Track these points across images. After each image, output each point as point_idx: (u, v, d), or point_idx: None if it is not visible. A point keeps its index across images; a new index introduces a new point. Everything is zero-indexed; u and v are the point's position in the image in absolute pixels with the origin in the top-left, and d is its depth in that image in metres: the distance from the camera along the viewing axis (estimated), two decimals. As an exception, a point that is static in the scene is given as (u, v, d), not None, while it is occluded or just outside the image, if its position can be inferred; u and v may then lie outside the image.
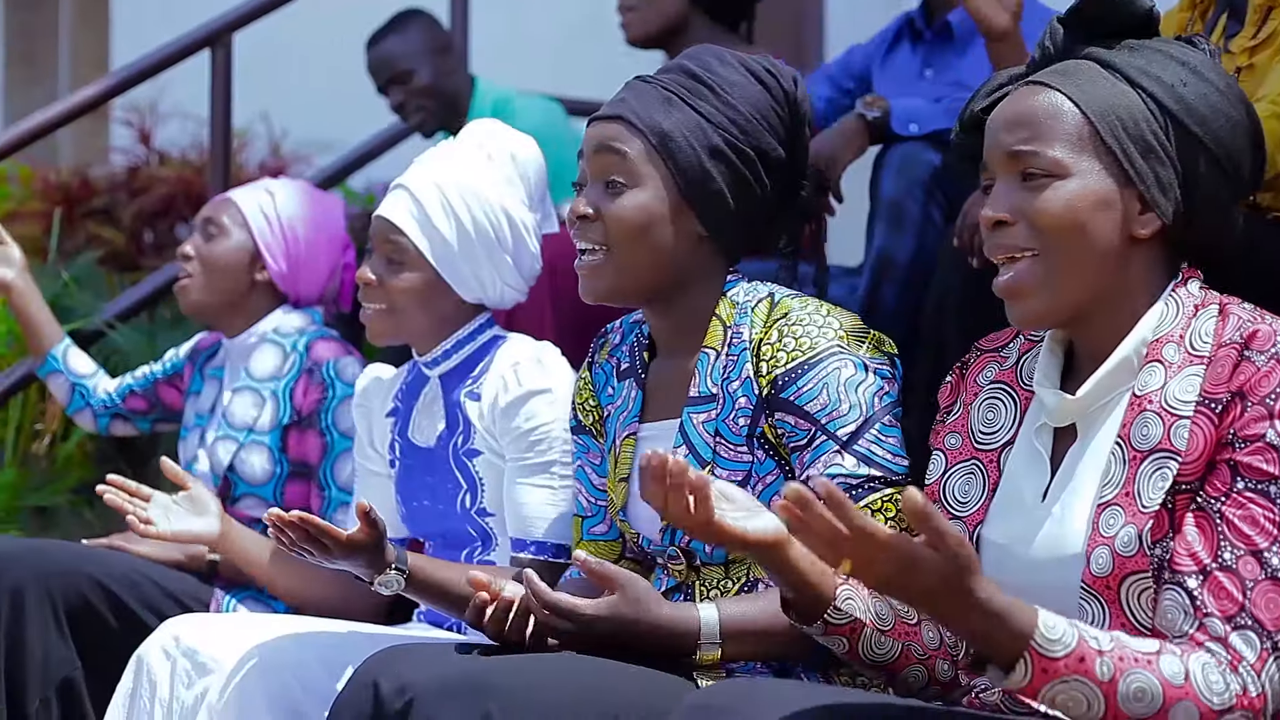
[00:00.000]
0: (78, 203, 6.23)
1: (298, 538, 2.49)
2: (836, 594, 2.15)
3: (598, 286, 2.50)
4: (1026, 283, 2.06)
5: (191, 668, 2.63)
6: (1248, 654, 1.88)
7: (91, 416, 3.76)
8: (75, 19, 8.96)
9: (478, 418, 2.85)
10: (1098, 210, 2.04)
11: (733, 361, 2.46)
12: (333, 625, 2.77)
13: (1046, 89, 2.09)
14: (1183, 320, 2.05)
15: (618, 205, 2.47)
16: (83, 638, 3.12)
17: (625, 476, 2.57)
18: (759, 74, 2.53)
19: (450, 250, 2.86)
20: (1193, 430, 1.97)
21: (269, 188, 3.57)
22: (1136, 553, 1.97)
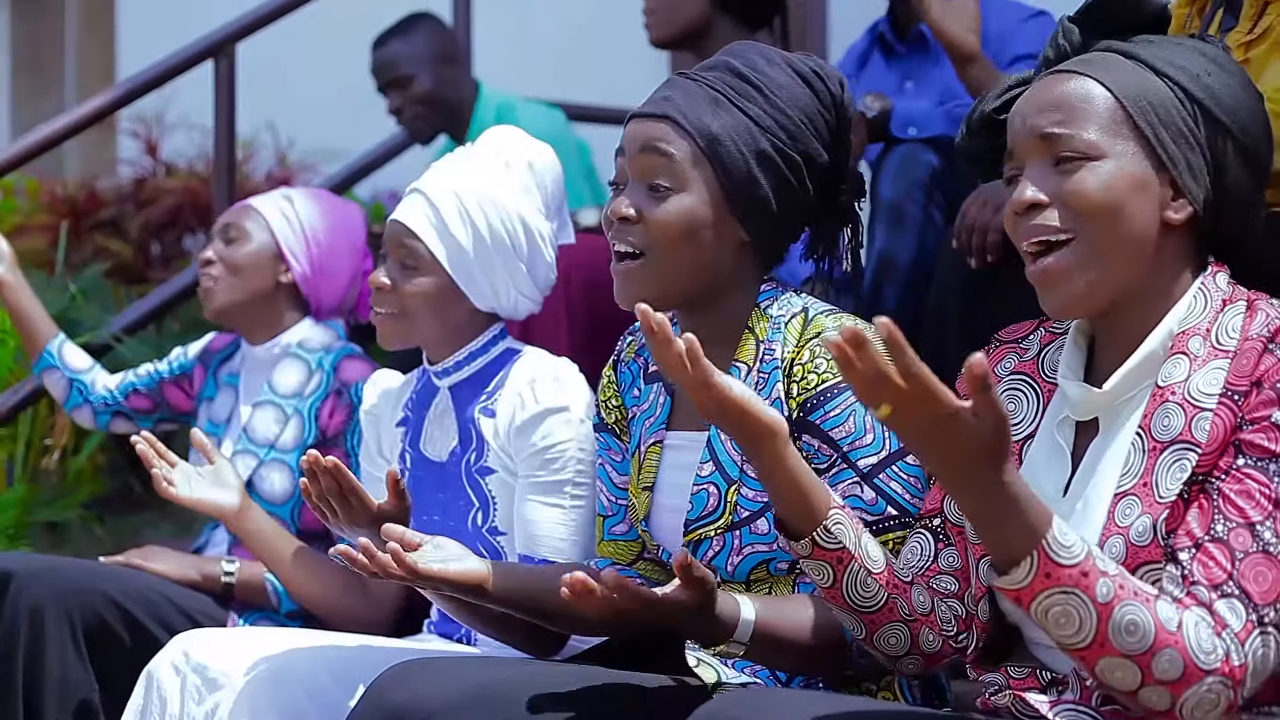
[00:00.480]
0: (84, 215, 6.24)
1: (327, 488, 2.47)
2: (829, 515, 2.12)
3: (634, 292, 2.43)
4: (1064, 268, 2.04)
5: (202, 683, 2.62)
6: (1233, 622, 1.87)
7: (91, 413, 3.70)
8: (81, 29, 8.98)
9: (492, 435, 2.83)
10: (1134, 192, 2.03)
11: (764, 379, 2.41)
12: (343, 639, 2.76)
13: (1076, 75, 2.08)
14: (1210, 314, 2.04)
15: (662, 210, 2.40)
16: (99, 657, 3.11)
17: (649, 485, 2.52)
18: (806, 76, 2.46)
19: (466, 257, 2.84)
20: (1214, 422, 1.96)
21: (287, 194, 3.56)
22: (1150, 543, 1.95)
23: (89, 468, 4.92)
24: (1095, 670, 1.85)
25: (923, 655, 2.20)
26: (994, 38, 3.57)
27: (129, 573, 3.24)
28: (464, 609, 2.53)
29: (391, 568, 2.29)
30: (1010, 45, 3.53)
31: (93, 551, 4.62)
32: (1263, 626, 1.87)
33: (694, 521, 2.44)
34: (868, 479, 2.33)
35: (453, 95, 4.94)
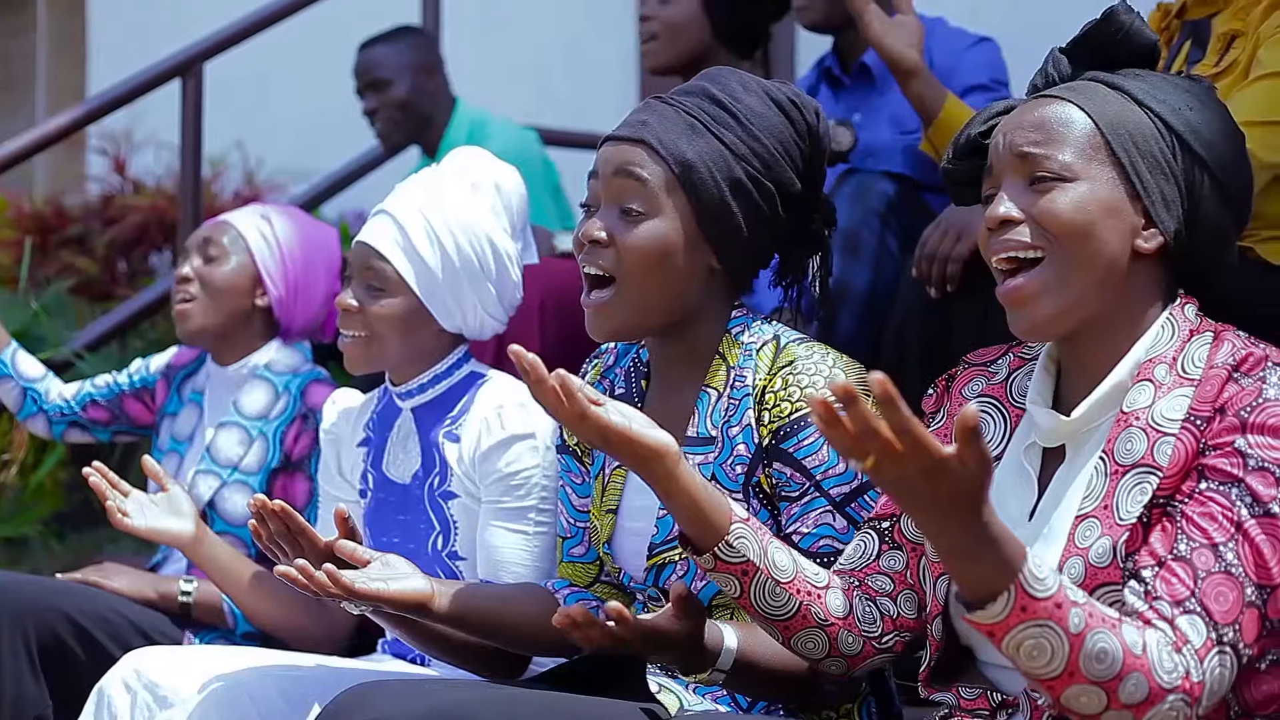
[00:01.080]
0: (51, 231, 6.23)
1: (276, 531, 2.45)
2: (730, 530, 2.13)
3: (607, 325, 2.43)
4: (1033, 289, 2.06)
5: (153, 700, 2.61)
6: (1194, 638, 1.88)
7: (45, 423, 3.65)
8: (52, 48, 8.97)
9: (456, 460, 2.82)
10: (1106, 216, 2.05)
11: (734, 405, 2.41)
12: (295, 658, 2.75)
13: (1058, 100, 2.11)
14: (1176, 343, 2.06)
15: (634, 234, 2.39)
16: (54, 675, 3.09)
17: (613, 508, 2.52)
18: (783, 104, 2.46)
19: (434, 278, 2.83)
20: (1176, 446, 1.98)
21: (265, 214, 3.53)
22: (1110, 564, 1.97)
23: (49, 483, 4.90)
24: (1061, 698, 1.85)
25: (844, 657, 2.21)
26: (939, 69, 3.58)
27: (86, 590, 3.22)
28: (418, 635, 2.53)
29: (328, 587, 2.28)
30: (956, 76, 3.55)
31: (52, 567, 4.60)
32: (1221, 645, 1.88)
33: (659, 545, 2.44)
34: (840, 508, 2.33)
35: (427, 106, 4.97)
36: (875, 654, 2.23)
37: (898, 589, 2.22)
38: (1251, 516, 1.92)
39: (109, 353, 4.90)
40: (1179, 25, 2.96)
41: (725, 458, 2.40)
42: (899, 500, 1.77)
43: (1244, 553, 1.91)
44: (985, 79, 3.58)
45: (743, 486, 2.38)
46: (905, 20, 3.03)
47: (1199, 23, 2.92)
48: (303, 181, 6.14)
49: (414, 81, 4.94)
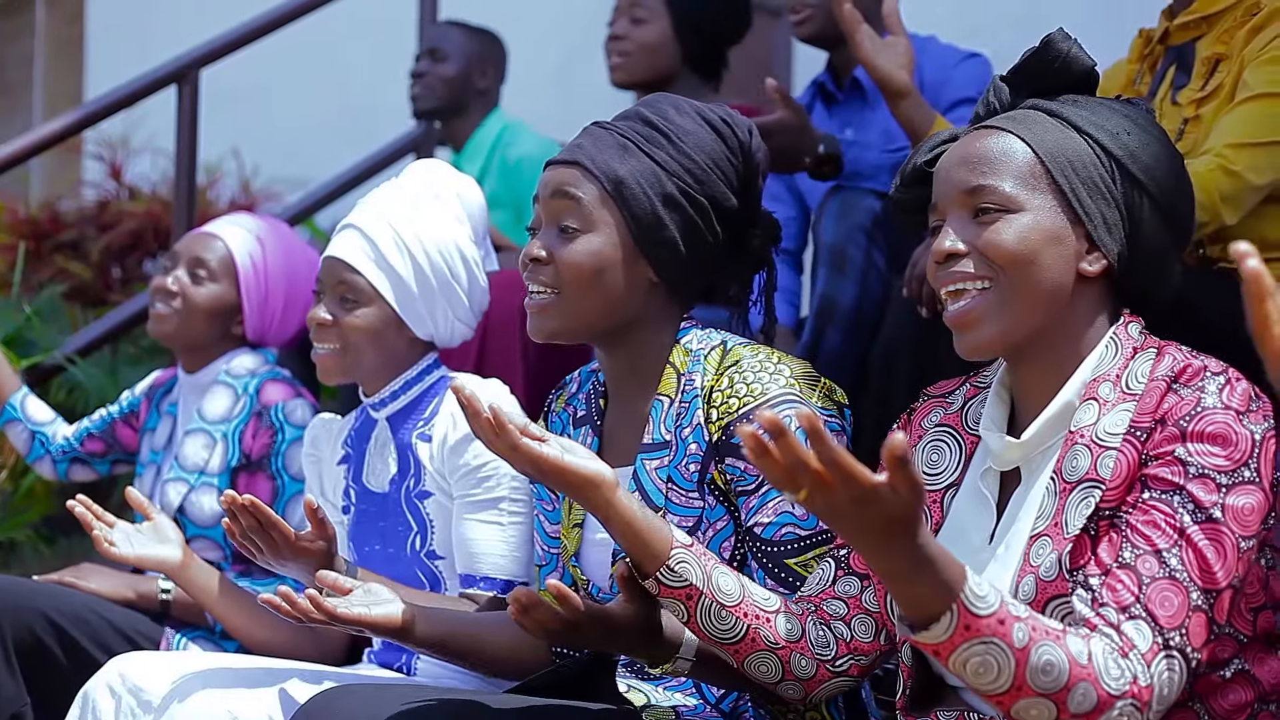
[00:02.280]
0: (46, 236, 6.23)
1: (249, 526, 2.50)
2: (671, 555, 2.15)
3: (545, 325, 2.51)
4: (977, 312, 2.10)
5: (137, 705, 2.61)
6: (1140, 643, 1.90)
7: (51, 464, 3.74)
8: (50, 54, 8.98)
9: (428, 459, 2.85)
10: (1049, 244, 2.09)
11: (685, 408, 2.47)
12: (278, 664, 2.75)
13: (998, 131, 2.15)
14: (1120, 361, 2.09)
15: (569, 250, 2.48)
16: (32, 674, 3.11)
17: (579, 522, 2.57)
18: (715, 123, 2.55)
19: (407, 288, 2.87)
20: (1118, 459, 2.01)
21: (260, 234, 3.55)
22: (1056, 577, 2.00)
23: (39, 487, 4.90)
24: (1011, 711, 1.87)
25: (799, 680, 2.24)
26: (929, 84, 3.61)
27: (66, 592, 3.23)
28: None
29: (312, 613, 2.32)
30: (946, 90, 3.57)
31: (41, 571, 4.59)
32: (1168, 650, 1.90)
33: (621, 554, 2.45)
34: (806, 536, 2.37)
35: (466, 96, 5.03)
36: (831, 677, 2.25)
37: (851, 613, 2.25)
38: (1194, 523, 1.95)
39: (101, 358, 4.90)
40: (1162, 51, 2.97)
41: (680, 459, 2.45)
42: (835, 527, 1.80)
43: (1188, 558, 1.93)
44: (973, 93, 3.60)
45: (698, 485, 2.43)
46: (896, 41, 3.04)
47: (1183, 47, 2.93)
48: (298, 190, 6.14)
49: (467, 68, 5.02)
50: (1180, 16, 2.91)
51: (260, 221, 3.64)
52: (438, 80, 5.01)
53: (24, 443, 3.73)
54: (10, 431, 3.73)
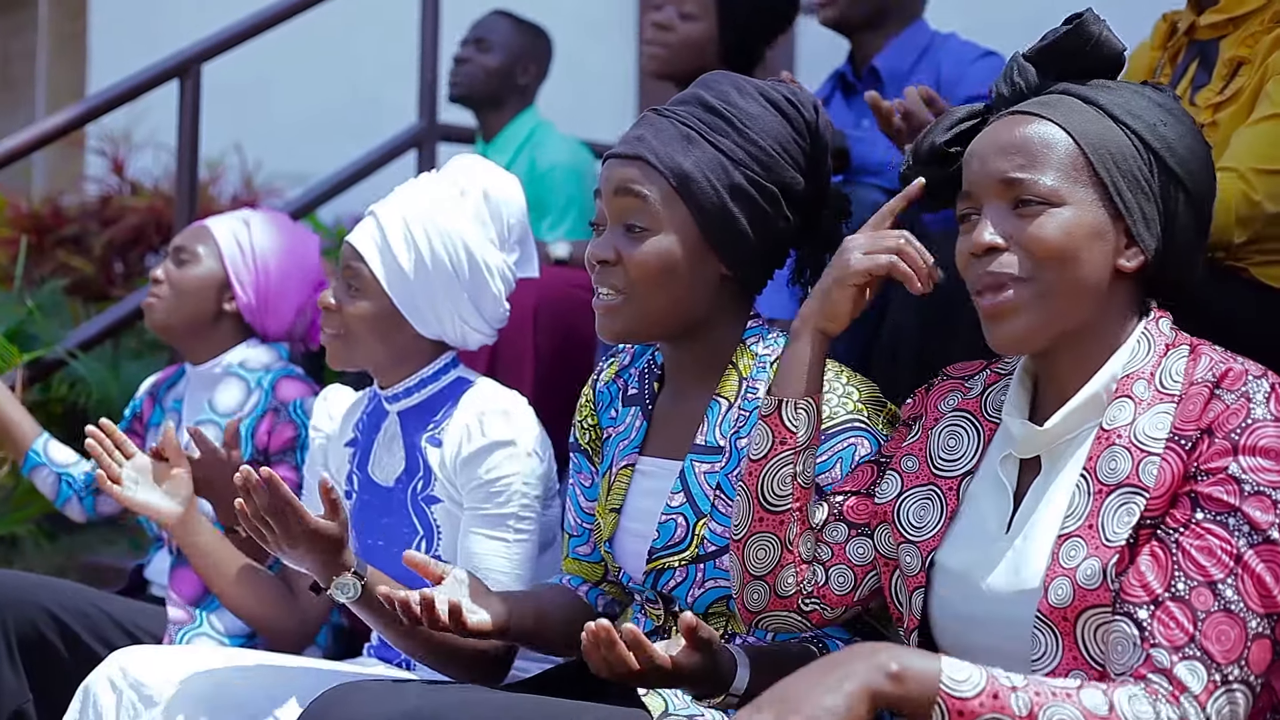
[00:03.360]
0: (48, 231, 6.22)
1: (262, 505, 2.43)
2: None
3: (614, 327, 2.45)
4: (1015, 304, 2.05)
5: (138, 700, 2.61)
6: (1193, 685, 1.86)
7: (78, 504, 3.65)
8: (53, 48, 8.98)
9: (438, 465, 2.82)
10: (1091, 240, 2.04)
11: (745, 416, 2.42)
12: (280, 659, 2.75)
13: (1037, 119, 2.09)
14: (1153, 358, 2.06)
15: (639, 251, 2.41)
16: (34, 668, 3.11)
17: (617, 507, 2.53)
18: (779, 104, 2.47)
19: (405, 280, 2.82)
20: (1161, 466, 1.97)
21: (246, 218, 3.54)
22: (1099, 586, 1.96)
23: (40, 483, 4.88)
24: None
25: (772, 589, 2.23)
26: (946, 81, 3.59)
27: (68, 586, 3.24)
28: (403, 636, 2.53)
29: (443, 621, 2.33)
30: (961, 86, 3.56)
31: (44, 566, 4.60)
32: (1227, 685, 1.87)
33: (659, 550, 2.45)
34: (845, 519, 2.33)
35: (504, 89, 4.98)
36: (791, 611, 2.24)
37: (835, 560, 2.24)
38: (1250, 546, 1.91)
39: (103, 352, 4.90)
40: (1185, 43, 2.93)
41: (732, 468, 2.41)
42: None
43: (1245, 587, 1.89)
44: (984, 90, 3.58)
45: None
46: None
47: (1206, 44, 2.88)
48: (300, 185, 6.14)
49: (509, 61, 4.97)
50: (1207, 14, 2.87)
51: (253, 211, 3.64)
52: (480, 70, 4.96)
53: (50, 487, 3.64)
54: (36, 478, 3.65)
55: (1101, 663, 1.96)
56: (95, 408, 4.72)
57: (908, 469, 2.21)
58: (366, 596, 2.49)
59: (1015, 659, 1.99)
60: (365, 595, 2.49)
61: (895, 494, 2.20)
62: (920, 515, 2.17)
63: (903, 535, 2.17)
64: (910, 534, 2.17)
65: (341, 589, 2.48)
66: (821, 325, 2.20)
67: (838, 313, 2.20)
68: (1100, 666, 1.96)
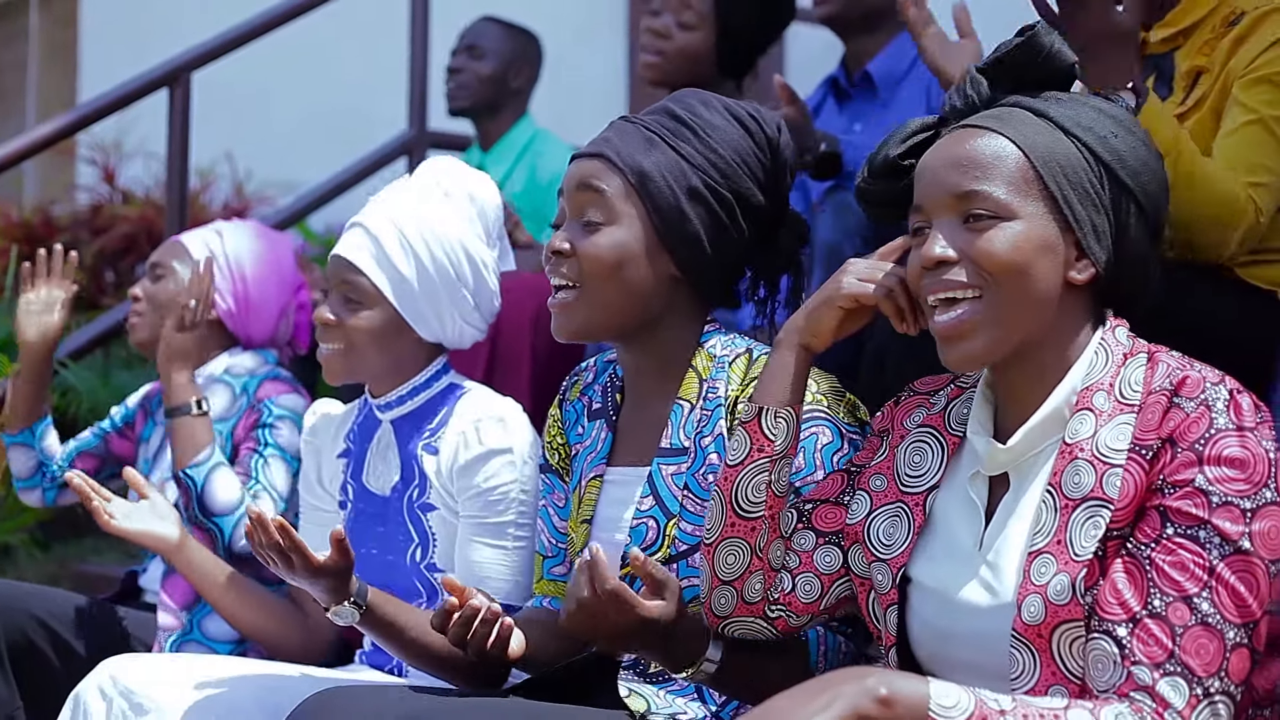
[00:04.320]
0: (39, 240, 6.21)
1: (268, 543, 2.45)
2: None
3: (569, 324, 2.49)
4: (968, 324, 2.05)
5: (128, 708, 2.60)
6: (1176, 701, 1.87)
7: (41, 494, 3.63)
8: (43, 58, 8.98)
9: (434, 473, 2.82)
10: (1041, 254, 2.04)
11: (707, 416, 2.44)
12: (270, 667, 2.75)
13: (987, 132, 2.09)
14: (1112, 368, 2.06)
15: (592, 242, 2.45)
16: (24, 676, 3.11)
17: (588, 518, 2.54)
18: (742, 118, 2.51)
19: (410, 288, 2.83)
20: (1124, 478, 1.97)
21: (218, 229, 3.54)
22: (1070, 601, 1.96)
23: (33, 492, 4.88)
24: None
25: (740, 595, 2.23)
26: (936, 87, 3.59)
27: (58, 594, 3.24)
28: (401, 645, 2.55)
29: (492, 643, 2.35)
30: None
31: (36, 575, 4.60)
32: (1209, 698, 1.88)
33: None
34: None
35: (499, 95, 5.01)
36: (757, 618, 2.25)
37: (802, 568, 2.24)
38: (1222, 558, 1.91)
39: (93, 361, 4.90)
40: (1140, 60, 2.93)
41: (698, 467, 2.42)
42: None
43: (1220, 599, 1.90)
44: None
45: None
46: (966, 44, 2.94)
47: (1160, 58, 2.87)
48: (292, 193, 6.14)
49: (502, 66, 5.00)
50: (1156, 30, 2.85)
51: (229, 222, 3.63)
52: (474, 78, 4.98)
53: (27, 469, 3.61)
54: (15, 453, 3.61)
55: (1080, 677, 1.96)
56: (86, 416, 4.72)
57: (876, 488, 2.22)
58: (371, 619, 2.51)
59: (994, 674, 2.00)
60: (369, 617, 2.51)
61: (865, 514, 2.21)
62: (889, 533, 2.17)
63: (873, 554, 2.18)
64: (880, 552, 2.17)
65: (339, 615, 2.51)
66: (805, 340, 2.22)
67: (821, 330, 2.22)
68: (1079, 680, 1.96)
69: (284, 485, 3.28)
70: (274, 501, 3.23)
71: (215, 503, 3.22)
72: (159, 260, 3.51)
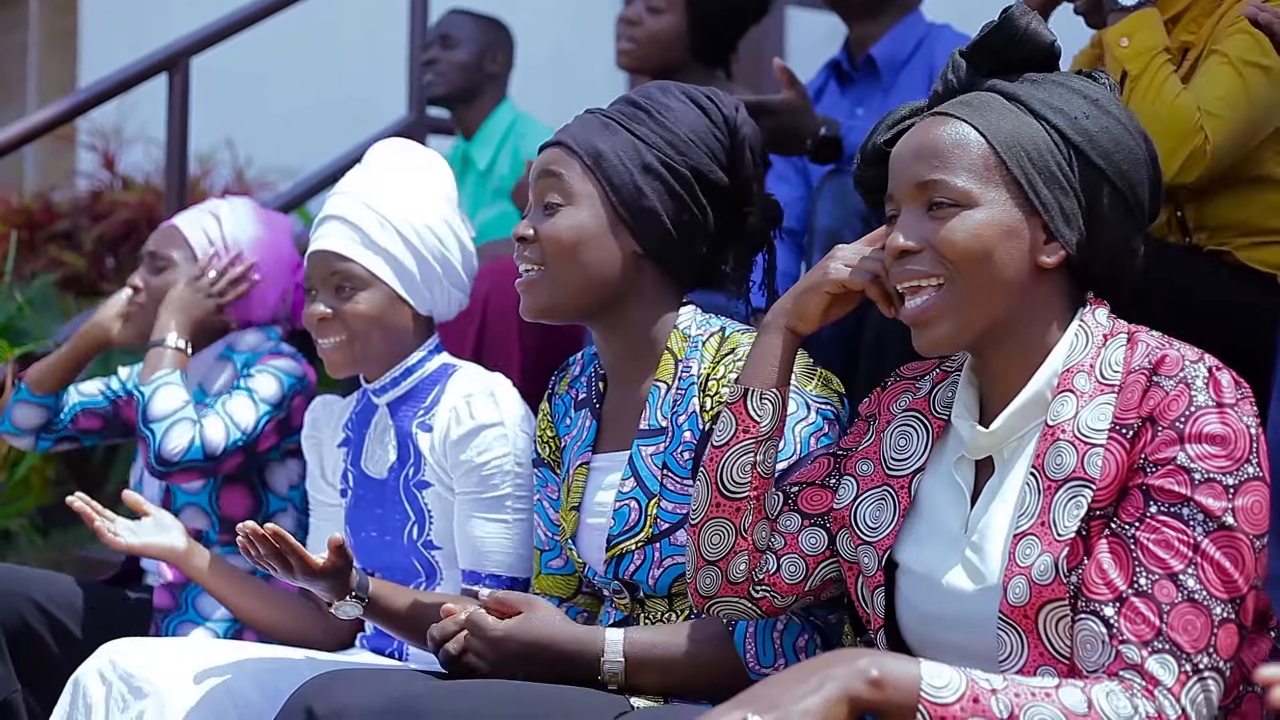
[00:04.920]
0: (40, 226, 6.23)
1: (266, 553, 2.49)
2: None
3: (534, 303, 2.52)
4: (933, 310, 2.07)
5: (128, 691, 2.61)
6: (1165, 678, 1.87)
7: (33, 441, 3.56)
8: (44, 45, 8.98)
9: (428, 449, 2.84)
10: (1004, 239, 2.05)
11: (681, 395, 2.47)
12: (269, 650, 2.76)
13: (952, 119, 2.10)
14: (1092, 350, 2.06)
15: (552, 224, 2.49)
16: (23, 660, 3.12)
17: (576, 505, 2.57)
18: (697, 99, 2.56)
19: (400, 264, 2.87)
20: (1105, 457, 1.98)
21: (214, 210, 3.52)
22: (1053, 581, 1.96)
23: (33, 478, 4.90)
24: None
25: (725, 575, 2.25)
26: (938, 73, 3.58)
27: (57, 577, 3.24)
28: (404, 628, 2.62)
29: None
30: None
31: (37, 561, 4.60)
32: (1199, 674, 1.88)
33: (616, 536, 2.49)
34: (777, 483, 2.35)
35: (477, 81, 5.04)
36: (741, 598, 2.26)
37: (787, 549, 2.26)
38: (1206, 534, 1.91)
39: (93, 346, 4.88)
40: None
41: (675, 446, 2.45)
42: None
43: (1206, 575, 1.90)
44: None
45: (692, 472, 2.43)
46: None
47: None
48: (292, 179, 6.14)
49: (476, 55, 5.02)
50: None
51: (224, 201, 3.59)
52: (450, 66, 5.01)
53: (30, 423, 3.51)
54: (28, 409, 3.51)
55: (1068, 656, 1.97)
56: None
57: (862, 473, 2.23)
58: (375, 609, 2.61)
59: (982, 656, 2.01)
60: (373, 608, 2.60)
61: (852, 498, 2.22)
62: (875, 516, 2.18)
63: (860, 538, 2.19)
64: (866, 535, 2.18)
65: (342, 611, 2.59)
66: (791, 323, 2.23)
67: (807, 314, 2.23)
68: (1066, 660, 1.97)
69: (246, 419, 3.25)
70: (226, 428, 3.22)
71: (153, 410, 3.21)
72: (158, 250, 3.47)
